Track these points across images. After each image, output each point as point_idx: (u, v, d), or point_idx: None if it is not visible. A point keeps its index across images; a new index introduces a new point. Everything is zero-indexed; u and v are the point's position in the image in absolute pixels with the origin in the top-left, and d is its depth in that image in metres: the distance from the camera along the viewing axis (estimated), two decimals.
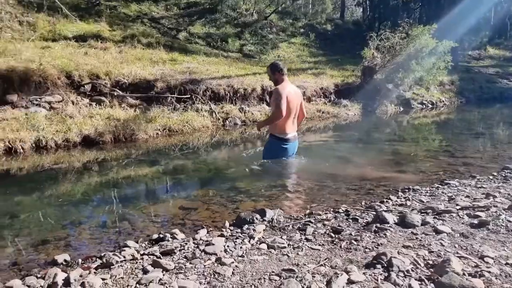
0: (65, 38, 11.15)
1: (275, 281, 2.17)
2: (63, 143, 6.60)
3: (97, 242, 3.20)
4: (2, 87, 7.02)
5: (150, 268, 2.43)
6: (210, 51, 14.91)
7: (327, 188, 4.46)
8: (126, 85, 8.76)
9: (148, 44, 12.71)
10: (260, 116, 9.92)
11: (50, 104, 7.39)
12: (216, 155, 6.21)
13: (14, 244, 3.17)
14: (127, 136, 7.32)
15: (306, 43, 20.18)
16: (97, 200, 4.35)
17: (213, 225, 3.43)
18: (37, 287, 2.27)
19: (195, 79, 9.77)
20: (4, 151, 6.00)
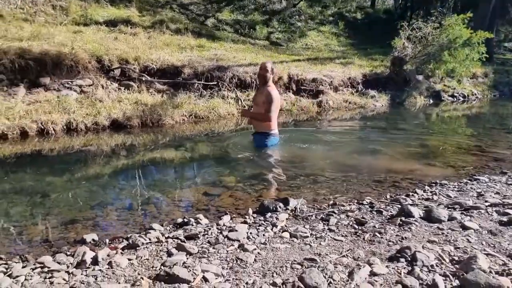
0: (96, 23, 11.34)
1: (296, 270, 2.19)
2: (93, 126, 6.77)
3: (123, 224, 3.29)
4: (36, 70, 7.22)
5: (175, 251, 2.48)
6: (237, 38, 14.88)
7: (352, 179, 4.42)
8: (154, 71, 8.86)
9: (177, 30, 12.78)
10: (286, 105, 9.88)
11: (81, 88, 7.57)
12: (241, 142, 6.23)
13: (45, 222, 3.29)
14: (154, 121, 7.43)
15: (335, 32, 19.86)
16: (123, 183, 4.44)
17: (236, 212, 3.46)
18: (66, 264, 2.35)
19: (222, 66, 9.78)
20: (37, 132, 6.20)
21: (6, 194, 3.97)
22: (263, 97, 5.31)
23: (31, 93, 7.01)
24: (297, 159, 5.36)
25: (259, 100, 5.43)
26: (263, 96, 5.31)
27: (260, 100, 5.37)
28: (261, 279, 2.10)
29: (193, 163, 5.43)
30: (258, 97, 5.49)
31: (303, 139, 7.03)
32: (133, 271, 2.24)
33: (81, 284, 2.08)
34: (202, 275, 2.14)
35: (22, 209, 3.57)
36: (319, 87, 10.99)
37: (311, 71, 11.49)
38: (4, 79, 6.90)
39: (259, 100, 5.43)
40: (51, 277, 2.17)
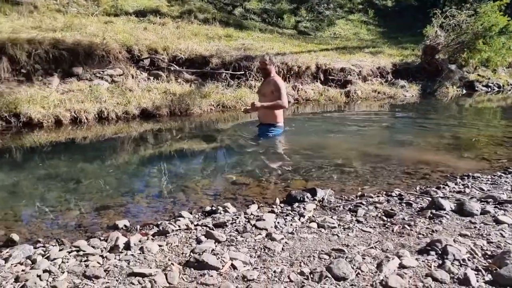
0: (126, 13, 11.52)
1: (324, 260, 2.19)
2: (123, 115, 6.92)
3: (153, 211, 3.36)
4: (69, 60, 7.42)
5: (203, 238, 2.53)
6: (265, 27, 14.80)
7: (380, 170, 4.36)
8: (183, 60, 8.95)
9: (205, 19, 12.82)
10: (313, 95, 9.81)
11: (112, 77, 7.74)
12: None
13: (79, 207, 3.40)
14: (182, 110, 7.53)
15: (364, 20, 19.46)
16: (153, 171, 4.53)
17: (264, 201, 3.48)
18: (100, 248, 2.44)
19: (250, 55, 9.77)
20: (70, 120, 6.39)
21: (42, 180, 4.13)
22: (271, 87, 5.40)
23: (65, 82, 7.22)
24: (325, 149, 5.33)
25: (266, 90, 5.50)
26: (271, 86, 5.41)
27: (268, 90, 5.45)
28: (289, 268, 2.12)
29: (220, 152, 5.48)
30: (265, 88, 5.55)
31: (330, 128, 6.98)
32: (164, 256, 2.30)
33: (114, 268, 2.16)
34: (230, 262, 2.18)
35: (57, 195, 3.71)
36: (347, 77, 10.83)
37: (339, 60, 11.33)
38: (40, 69, 7.13)
39: (266, 91, 5.50)
40: (86, 260, 2.26)
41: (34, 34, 7.57)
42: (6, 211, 3.27)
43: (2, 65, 6.73)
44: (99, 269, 2.13)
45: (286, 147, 5.44)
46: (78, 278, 2.06)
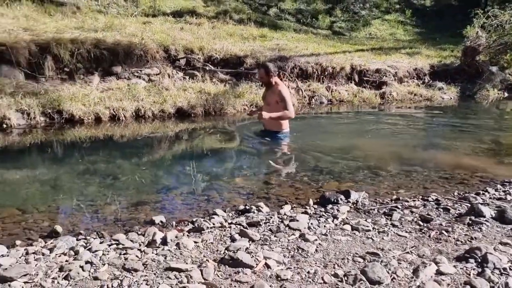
0: (163, 14, 11.77)
1: (358, 263, 2.18)
2: (159, 114, 7.08)
3: (188, 207, 3.44)
4: (109, 59, 7.67)
5: (238, 237, 2.57)
6: (299, 27, 14.75)
7: (416, 174, 4.28)
8: (218, 60, 9.06)
9: (240, 20, 12.92)
10: (347, 96, 9.70)
11: (149, 77, 7.93)
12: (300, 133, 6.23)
13: (117, 202, 3.52)
14: (216, 110, 7.62)
15: (401, 20, 19.03)
16: (187, 168, 4.60)
17: (297, 201, 3.49)
18: (138, 243, 2.52)
19: (284, 56, 9.77)
20: (109, 118, 6.60)
21: (82, 174, 4.28)
22: (275, 97, 5.24)
23: (105, 81, 7.47)
24: (358, 150, 5.27)
25: (270, 99, 5.35)
26: (275, 95, 5.24)
27: (272, 99, 5.29)
28: (323, 269, 2.12)
29: (253, 151, 5.51)
30: (269, 96, 5.39)
31: (364, 129, 6.90)
32: (199, 253, 2.35)
33: (152, 262, 2.23)
34: (264, 261, 2.20)
35: (96, 189, 3.84)
36: (383, 78, 10.64)
37: (375, 61, 11.14)
38: (81, 68, 7.41)
39: (270, 100, 5.35)
40: (125, 253, 2.34)
41: (77, 34, 7.87)
42: (50, 204, 3.42)
43: (47, 64, 7.04)
44: (138, 262, 2.21)
45: (317, 148, 5.41)
46: (118, 270, 2.14)
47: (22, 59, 6.88)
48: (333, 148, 5.41)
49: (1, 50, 6.75)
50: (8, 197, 3.53)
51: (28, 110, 6.09)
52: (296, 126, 7.21)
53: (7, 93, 6.23)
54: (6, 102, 6.01)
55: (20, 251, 2.41)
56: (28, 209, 3.25)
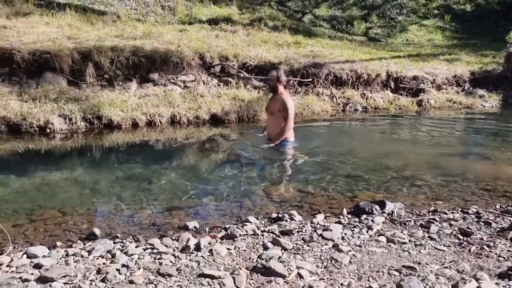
0: (199, 22, 11.98)
1: (394, 276, 2.13)
2: (194, 120, 7.19)
3: (221, 214, 3.47)
4: (147, 66, 7.88)
5: (270, 245, 2.56)
6: (334, 34, 14.64)
7: (455, 185, 4.14)
8: (252, 67, 9.12)
9: (274, 27, 12.97)
10: (383, 103, 9.52)
11: (185, 83, 8.09)
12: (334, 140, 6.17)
13: (152, 207, 3.60)
14: (250, 116, 7.67)
15: (440, 26, 18.51)
16: (220, 175, 4.64)
17: (330, 211, 3.46)
18: (173, 248, 2.56)
19: (318, 62, 9.72)
20: (146, 123, 6.77)
21: (119, 179, 4.40)
22: (278, 105, 5.20)
23: (142, 87, 7.68)
24: (395, 159, 5.15)
25: (274, 108, 5.30)
26: (278, 104, 5.20)
27: (276, 108, 5.25)
28: (356, 281, 2.09)
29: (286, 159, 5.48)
30: (273, 105, 5.34)
31: (401, 138, 6.75)
32: (232, 260, 2.37)
33: (185, 267, 2.26)
34: (297, 271, 2.19)
35: (132, 194, 3.94)
36: (420, 85, 10.38)
37: (412, 68, 10.89)
38: (120, 74, 7.65)
39: (274, 109, 5.30)
40: (160, 258, 2.38)
41: (117, 42, 8.14)
42: (89, 207, 3.54)
43: (88, 71, 7.31)
44: (172, 267, 2.24)
45: (351, 156, 5.34)
46: (153, 275, 2.18)
47: (65, 66, 7.18)
48: (367, 156, 5.32)
49: (46, 58, 7.08)
50: (49, 199, 3.68)
51: (70, 115, 6.33)
52: (330, 133, 7.16)
53: (50, 99, 6.52)
54: (50, 107, 6.28)
55: (61, 252, 2.50)
56: (68, 211, 3.37)
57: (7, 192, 3.83)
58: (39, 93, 6.59)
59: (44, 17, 9.29)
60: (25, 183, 4.12)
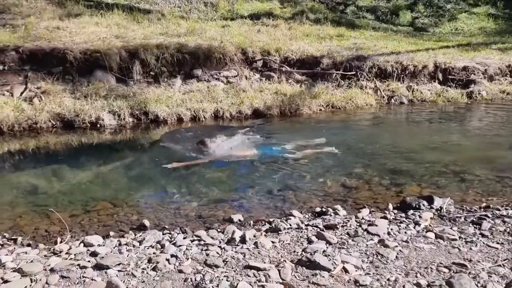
0: (241, 17, 12.04)
1: (443, 273, 2.08)
2: (236, 115, 7.27)
3: (264, 207, 3.51)
4: (190, 62, 8.04)
5: (314, 239, 2.57)
6: (378, 25, 14.24)
7: (509, 180, 3.95)
8: (294, 61, 9.07)
9: (316, 20, 12.81)
10: (430, 96, 9.19)
11: (227, 79, 8.20)
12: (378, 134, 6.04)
13: (197, 199, 3.69)
14: (292, 110, 7.65)
15: (492, 13, 17.53)
16: (263, 168, 4.65)
17: (375, 205, 3.41)
18: (219, 240, 2.63)
19: (362, 55, 9.52)
20: (190, 118, 6.93)
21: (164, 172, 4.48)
22: None
23: (186, 83, 7.86)
24: (443, 153, 4.98)
25: None
26: None
27: None
28: (404, 277, 2.06)
29: (330, 152, 5.43)
30: None
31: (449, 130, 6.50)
32: (276, 253, 2.40)
33: (231, 259, 2.31)
34: (342, 265, 2.19)
35: (178, 187, 4.07)
36: (470, 76, 9.91)
37: (461, 58, 10.41)
38: (165, 71, 7.85)
39: None
40: (206, 249, 2.46)
41: (162, 40, 8.36)
42: (138, 199, 3.69)
43: (135, 68, 7.57)
44: (218, 259, 2.31)
45: (397, 150, 5.21)
46: (200, 265, 2.25)
47: (114, 64, 7.47)
48: (413, 150, 5.17)
49: (96, 57, 7.39)
50: (101, 191, 3.86)
51: (118, 111, 6.59)
52: (374, 127, 7.02)
53: (101, 96, 6.82)
54: (100, 104, 6.57)
55: (114, 241, 2.64)
56: (119, 203, 3.53)
57: (63, 184, 4.06)
58: (90, 90, 6.90)
59: (94, 18, 9.67)
60: (79, 175, 4.34)
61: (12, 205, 3.48)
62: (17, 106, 6.18)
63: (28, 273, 2.14)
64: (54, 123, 6.21)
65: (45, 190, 3.88)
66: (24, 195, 3.73)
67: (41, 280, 2.08)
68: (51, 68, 7.28)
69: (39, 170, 4.50)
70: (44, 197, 3.70)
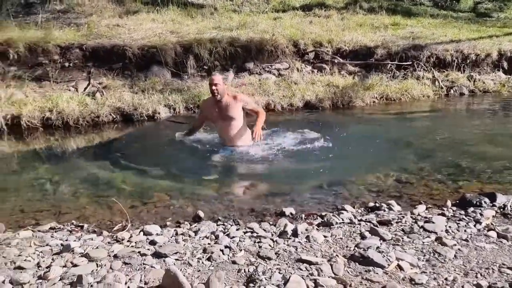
0: (293, 8, 11.95)
1: (506, 275, 1.99)
2: (288, 107, 7.27)
3: (316, 201, 3.50)
4: (242, 56, 8.14)
5: (368, 234, 2.54)
6: (437, 12, 13.56)
7: None
8: (347, 52, 8.90)
9: (370, 9, 12.44)
10: (493, 86, 8.67)
11: (279, 71, 8.21)
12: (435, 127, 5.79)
13: (249, 192, 3.75)
14: (344, 103, 7.52)
15: None
16: (315, 162, 4.60)
17: (432, 202, 3.29)
18: (271, 232, 2.67)
19: (418, 44, 9.14)
20: None
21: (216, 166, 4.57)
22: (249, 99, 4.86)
23: (238, 77, 7.97)
24: (507, 148, 4.70)
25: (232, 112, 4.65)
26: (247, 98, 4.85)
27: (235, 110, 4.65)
28: (463, 277, 1.99)
29: (383, 145, 5.28)
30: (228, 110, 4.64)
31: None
32: (329, 247, 2.40)
33: (284, 252, 2.34)
34: (396, 262, 2.15)
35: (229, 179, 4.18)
36: None
37: None
38: (218, 65, 8.01)
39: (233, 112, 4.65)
40: (259, 242, 2.50)
41: (215, 34, 8.51)
42: (192, 191, 3.79)
43: (189, 63, 7.79)
44: (271, 251, 2.35)
45: (455, 144, 4.98)
46: (253, 257, 2.30)
47: (169, 59, 7.73)
48: (475, 144, 4.92)
49: (153, 52, 7.68)
50: (158, 183, 4.02)
51: (173, 105, 6.82)
52: (432, 119, 6.74)
53: (157, 90, 7.08)
54: (157, 98, 6.82)
55: (171, 231, 2.75)
56: (175, 195, 3.67)
57: (123, 176, 4.27)
58: (147, 85, 7.19)
59: (150, 14, 10.02)
60: (137, 168, 4.53)
61: (79, 195, 3.73)
62: (81, 101, 6.57)
63: (94, 258, 2.30)
64: (114, 117, 6.53)
65: (107, 181, 4.11)
66: (89, 185, 3.97)
67: (106, 265, 2.23)
68: (111, 64, 7.68)
69: (101, 162, 4.75)
70: (106, 188, 3.92)
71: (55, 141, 5.85)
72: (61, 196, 3.73)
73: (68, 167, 4.74)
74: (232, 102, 4.61)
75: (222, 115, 4.66)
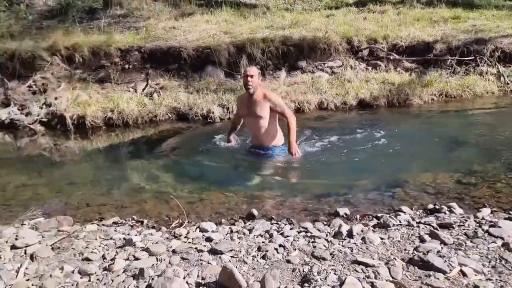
0: (346, 5, 11.74)
1: None
2: (341, 106, 7.16)
3: (371, 202, 3.41)
4: (295, 54, 8.12)
5: (427, 237, 2.45)
6: (502, 3, 12.73)
7: None
8: (403, 48, 8.61)
9: (428, 2, 11.92)
10: None
11: (332, 69, 8.10)
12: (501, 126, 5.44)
13: (303, 192, 3.72)
14: (400, 101, 7.28)
15: None
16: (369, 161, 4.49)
17: (497, 205, 3.11)
18: (325, 232, 2.64)
19: (482, 38, 8.64)
20: (295, 110, 6.99)
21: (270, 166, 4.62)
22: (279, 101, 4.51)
23: (290, 75, 7.97)
24: None
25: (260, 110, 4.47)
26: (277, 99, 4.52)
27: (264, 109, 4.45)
28: None
29: (442, 144, 5.05)
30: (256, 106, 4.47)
31: None
32: (386, 250, 2.34)
33: (339, 253, 2.32)
34: (459, 268, 2.05)
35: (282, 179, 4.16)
36: None
37: None
38: (271, 64, 8.05)
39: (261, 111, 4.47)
40: (313, 241, 2.49)
41: (267, 33, 8.56)
42: (247, 190, 3.84)
43: (242, 62, 7.88)
44: (326, 251, 2.33)
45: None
46: (308, 257, 2.30)
47: (222, 59, 7.88)
48: None
49: (207, 53, 7.87)
50: (214, 181, 4.12)
51: (227, 104, 6.94)
52: (496, 118, 6.36)
53: (211, 90, 7.25)
54: (211, 98, 6.99)
55: (226, 229, 2.81)
56: (230, 193, 3.73)
57: (180, 174, 4.42)
58: (201, 85, 7.38)
59: (204, 16, 10.27)
60: (194, 166, 4.68)
61: (139, 191, 3.91)
62: (140, 101, 6.88)
63: (154, 252, 2.40)
64: (171, 116, 6.78)
65: (165, 178, 4.27)
66: (148, 182, 4.15)
67: (165, 260, 2.32)
68: (168, 65, 7.96)
69: (159, 159, 4.95)
70: (164, 184, 4.07)
71: (116, 139, 6.18)
72: (122, 191, 3.93)
73: (128, 164, 4.99)
74: (262, 100, 4.46)
75: (250, 111, 4.54)
